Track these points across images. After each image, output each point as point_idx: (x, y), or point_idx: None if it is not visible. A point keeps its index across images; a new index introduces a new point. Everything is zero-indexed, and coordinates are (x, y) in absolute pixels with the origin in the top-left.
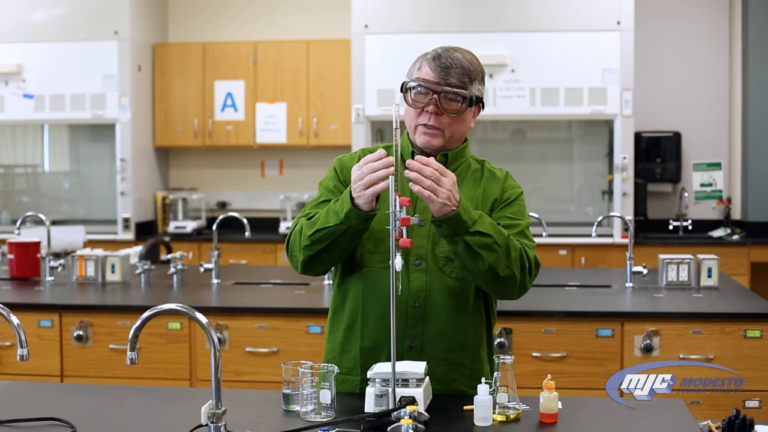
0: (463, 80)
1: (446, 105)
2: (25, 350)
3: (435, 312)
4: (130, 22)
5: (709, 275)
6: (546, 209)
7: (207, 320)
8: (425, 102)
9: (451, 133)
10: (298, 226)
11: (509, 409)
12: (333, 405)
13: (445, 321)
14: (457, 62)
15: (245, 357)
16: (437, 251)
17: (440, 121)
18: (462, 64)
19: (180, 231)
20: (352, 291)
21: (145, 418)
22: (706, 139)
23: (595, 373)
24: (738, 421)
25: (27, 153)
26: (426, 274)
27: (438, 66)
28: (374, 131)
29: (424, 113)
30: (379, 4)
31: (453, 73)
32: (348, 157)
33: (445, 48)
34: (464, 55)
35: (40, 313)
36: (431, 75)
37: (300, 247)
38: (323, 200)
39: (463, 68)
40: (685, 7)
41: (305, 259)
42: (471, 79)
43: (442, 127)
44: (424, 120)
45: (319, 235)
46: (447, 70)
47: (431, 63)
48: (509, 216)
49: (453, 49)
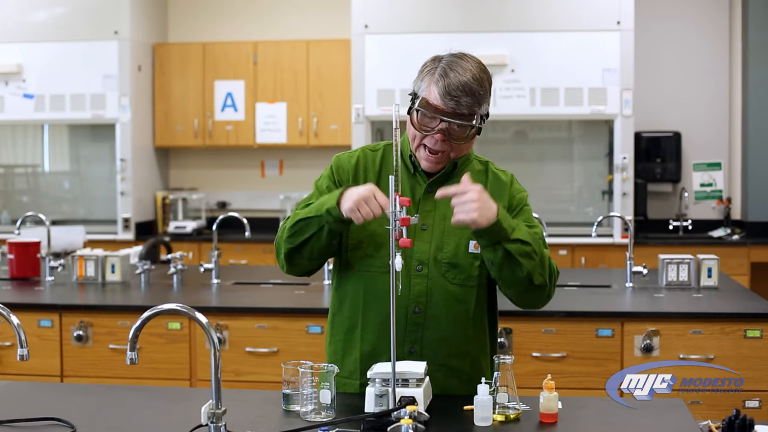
0: (472, 109)
1: (454, 134)
2: (25, 350)
3: (435, 317)
4: (130, 22)
5: (709, 275)
6: (546, 209)
7: (207, 320)
8: (432, 128)
9: (456, 154)
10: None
11: (509, 409)
12: (333, 405)
13: (445, 327)
14: (466, 88)
15: (245, 357)
16: (440, 257)
17: (446, 145)
18: (471, 89)
19: (180, 231)
20: (350, 295)
21: (145, 418)
22: (706, 139)
23: (595, 373)
24: (738, 421)
25: (27, 153)
26: (427, 280)
27: (447, 93)
28: (374, 131)
29: (430, 137)
30: (379, 4)
31: (462, 103)
32: (347, 156)
33: (451, 61)
34: (473, 73)
35: (40, 313)
36: (439, 101)
37: (283, 239)
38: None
39: (473, 94)
40: (685, 7)
41: (286, 253)
42: (480, 103)
43: (446, 150)
44: (429, 143)
45: (299, 226)
46: (456, 99)
47: (439, 84)
48: (525, 224)
49: (461, 66)
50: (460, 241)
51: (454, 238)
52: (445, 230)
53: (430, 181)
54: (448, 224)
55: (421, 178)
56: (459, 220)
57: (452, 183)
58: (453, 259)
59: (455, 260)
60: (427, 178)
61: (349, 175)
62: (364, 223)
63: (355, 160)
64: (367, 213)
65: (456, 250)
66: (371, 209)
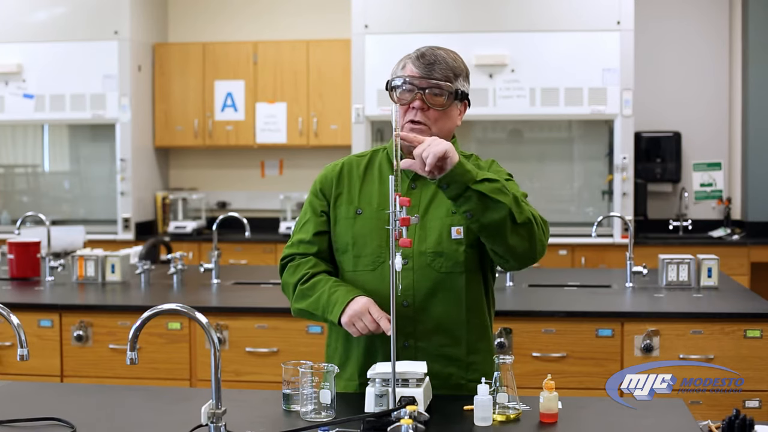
0: (447, 75)
1: (432, 100)
2: (25, 350)
3: (425, 309)
4: (130, 22)
5: (709, 275)
6: (546, 209)
7: (207, 320)
8: (411, 98)
9: (438, 129)
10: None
11: (509, 409)
12: (333, 405)
13: (436, 317)
14: (440, 58)
15: (245, 357)
16: (424, 248)
17: (426, 116)
18: (446, 60)
19: (180, 231)
20: None
21: (145, 418)
22: (706, 139)
23: (595, 373)
24: (738, 421)
25: (27, 153)
26: (412, 273)
27: (422, 63)
28: (374, 131)
29: (411, 110)
30: (379, 4)
31: (437, 69)
32: (331, 166)
33: (428, 47)
34: (448, 53)
35: (40, 313)
36: (415, 72)
37: (291, 301)
38: (305, 222)
39: (447, 64)
40: (685, 7)
41: (294, 314)
42: (455, 74)
43: (428, 123)
44: (411, 116)
45: (307, 313)
46: (431, 65)
47: (415, 61)
48: None
49: (436, 48)
50: (442, 229)
51: (436, 227)
52: (426, 222)
53: (412, 176)
54: (429, 216)
55: (405, 174)
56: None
57: None
58: (437, 248)
59: (440, 249)
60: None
61: (332, 184)
62: (348, 226)
63: (339, 168)
64: (362, 328)
65: (439, 238)
66: (366, 324)
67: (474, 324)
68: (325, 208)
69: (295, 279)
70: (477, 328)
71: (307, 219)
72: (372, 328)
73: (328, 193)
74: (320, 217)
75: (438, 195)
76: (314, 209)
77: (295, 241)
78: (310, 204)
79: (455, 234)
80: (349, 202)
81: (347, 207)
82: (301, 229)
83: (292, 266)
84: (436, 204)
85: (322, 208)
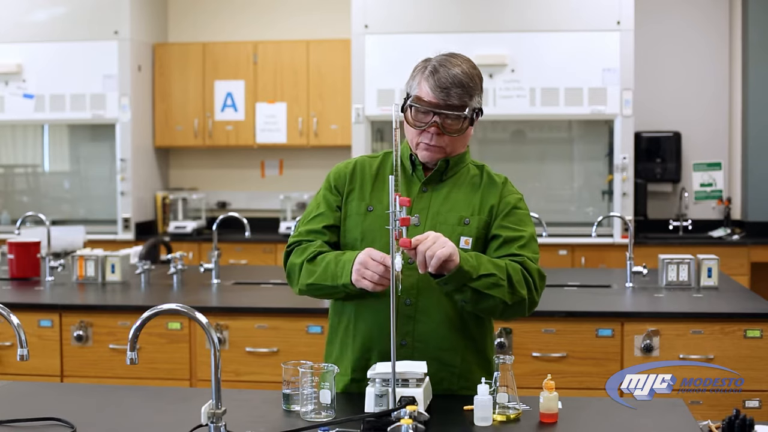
0: (463, 100)
1: (448, 126)
2: (25, 350)
3: (426, 310)
4: (130, 22)
5: (709, 275)
6: (546, 209)
7: (207, 320)
8: (426, 123)
9: (453, 149)
10: (298, 260)
11: (509, 409)
12: (333, 405)
13: (435, 320)
14: (456, 80)
15: (245, 357)
16: None
17: (442, 140)
18: (461, 82)
19: (180, 231)
20: None
21: (145, 418)
22: (706, 139)
23: (595, 373)
24: (738, 421)
25: (27, 153)
26: (418, 272)
27: (438, 86)
28: (374, 131)
29: (426, 132)
30: (379, 4)
31: (453, 94)
32: (344, 164)
33: (442, 59)
34: (462, 68)
35: (40, 313)
36: (431, 95)
37: (296, 282)
38: (316, 215)
39: (463, 86)
40: (685, 7)
41: (301, 293)
42: (471, 95)
43: (443, 145)
44: (426, 139)
45: (316, 287)
46: (447, 91)
47: (430, 80)
48: (510, 227)
49: (450, 62)
50: (451, 237)
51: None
52: (436, 226)
53: (424, 179)
54: (440, 220)
55: (417, 177)
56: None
57: (447, 181)
58: (459, 301)
59: None
60: (423, 178)
61: (345, 181)
62: (358, 221)
63: (351, 167)
64: (371, 276)
65: None
66: (374, 270)
67: (470, 336)
68: (340, 203)
69: (302, 258)
70: (475, 338)
71: (319, 212)
72: (380, 270)
73: (341, 189)
74: (335, 212)
75: (450, 200)
76: (329, 203)
77: (302, 231)
78: (324, 198)
79: (463, 244)
80: (361, 199)
81: (359, 203)
82: (311, 221)
83: (299, 249)
84: (448, 209)
85: (337, 203)
